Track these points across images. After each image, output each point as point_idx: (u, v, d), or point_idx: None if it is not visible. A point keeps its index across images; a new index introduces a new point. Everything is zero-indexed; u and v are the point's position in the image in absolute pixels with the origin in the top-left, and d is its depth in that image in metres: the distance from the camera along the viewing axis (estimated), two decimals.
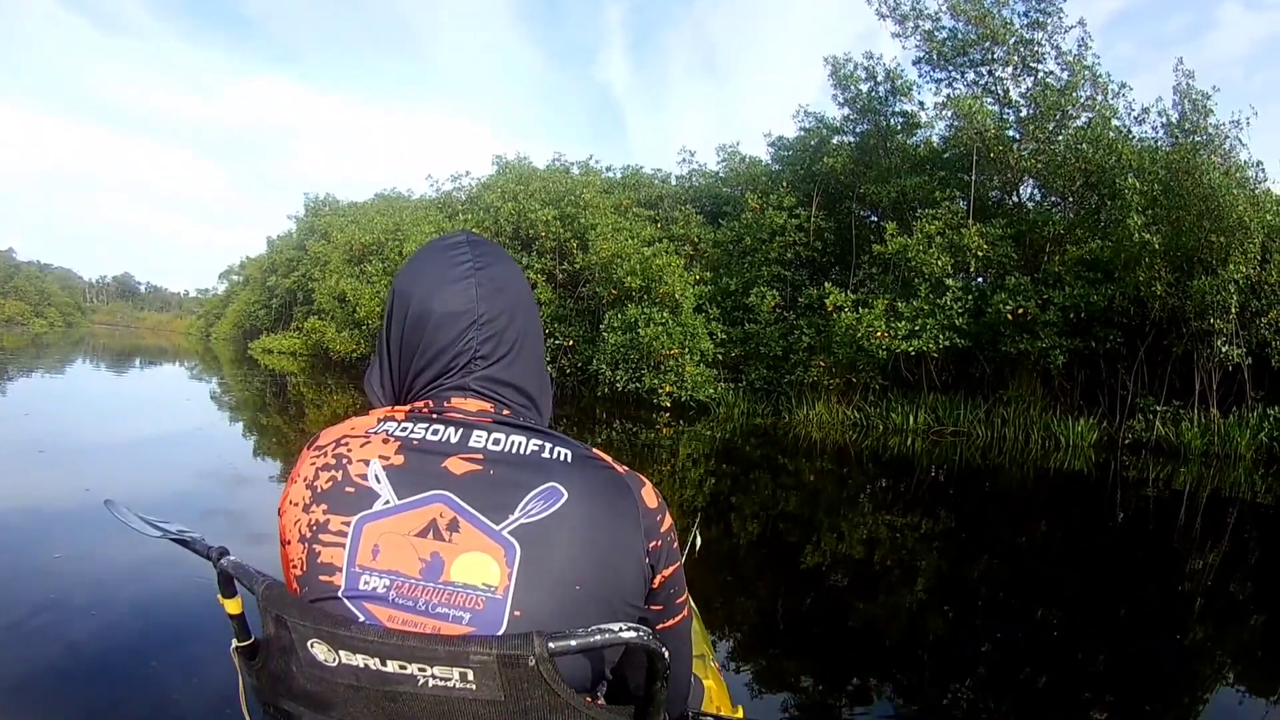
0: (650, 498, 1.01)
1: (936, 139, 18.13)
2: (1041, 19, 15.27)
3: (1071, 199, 16.24)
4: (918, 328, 14.94)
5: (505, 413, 1.04)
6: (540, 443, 0.99)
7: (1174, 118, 13.47)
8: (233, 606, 1.07)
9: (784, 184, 19.07)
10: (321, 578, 0.92)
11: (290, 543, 0.96)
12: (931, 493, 9.69)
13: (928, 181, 16.69)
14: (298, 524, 0.96)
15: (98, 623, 3.55)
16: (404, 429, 0.99)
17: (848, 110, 18.20)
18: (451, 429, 0.98)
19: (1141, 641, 4.44)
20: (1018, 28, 15.41)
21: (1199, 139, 12.76)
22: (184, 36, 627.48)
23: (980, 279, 15.88)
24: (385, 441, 0.97)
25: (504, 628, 0.88)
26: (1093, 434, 14.10)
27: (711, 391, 17.40)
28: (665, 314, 17.47)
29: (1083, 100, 15.06)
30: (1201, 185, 12.35)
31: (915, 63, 17.03)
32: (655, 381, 17.15)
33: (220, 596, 1.06)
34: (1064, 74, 15.24)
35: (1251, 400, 13.14)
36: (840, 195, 19.10)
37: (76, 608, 3.68)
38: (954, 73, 16.61)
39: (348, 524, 0.92)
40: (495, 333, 1.04)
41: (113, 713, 2.84)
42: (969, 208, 15.99)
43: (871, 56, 17.27)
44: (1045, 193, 17.04)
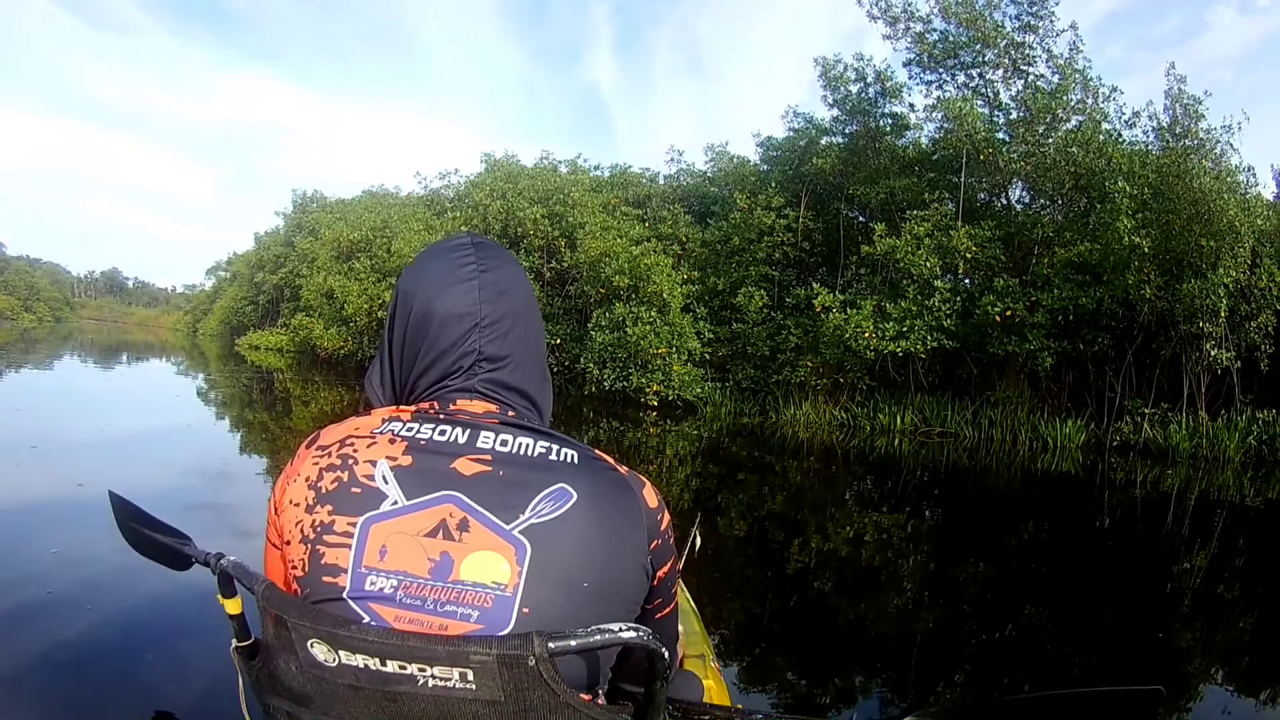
0: (651, 498, 1.01)
1: (926, 140, 18.05)
2: (1033, 22, 15.13)
3: (1060, 201, 16.17)
4: (906, 329, 14.88)
5: (510, 414, 1.03)
6: (547, 444, 0.98)
7: (1165, 122, 13.33)
8: (232, 606, 1.06)
9: (772, 184, 18.90)
10: (325, 579, 0.90)
11: (290, 543, 0.94)
12: (919, 493, 9.63)
13: (916, 183, 16.62)
14: (299, 524, 0.93)
15: (94, 621, 3.44)
16: (410, 429, 0.97)
17: (837, 111, 18.14)
18: (459, 429, 0.97)
19: (1128, 642, 4.37)
20: (1009, 30, 15.27)
21: (1190, 143, 12.62)
22: (173, 32, 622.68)
23: (968, 280, 15.78)
24: (392, 442, 0.95)
25: (512, 624, 0.86)
26: (1080, 436, 14.02)
27: (699, 391, 17.34)
28: (653, 313, 17.36)
29: (1073, 103, 14.93)
30: (1192, 189, 12.23)
31: (906, 64, 16.91)
32: (642, 380, 17.02)
33: (220, 596, 1.06)
34: (1055, 77, 15.14)
35: (1240, 403, 13.04)
36: (829, 196, 19.07)
37: (73, 604, 3.58)
38: (944, 75, 16.48)
39: (354, 525, 0.91)
40: (498, 335, 1.04)
41: (112, 712, 2.76)
42: (958, 209, 15.86)
43: (862, 58, 17.21)
44: (1034, 195, 16.96)
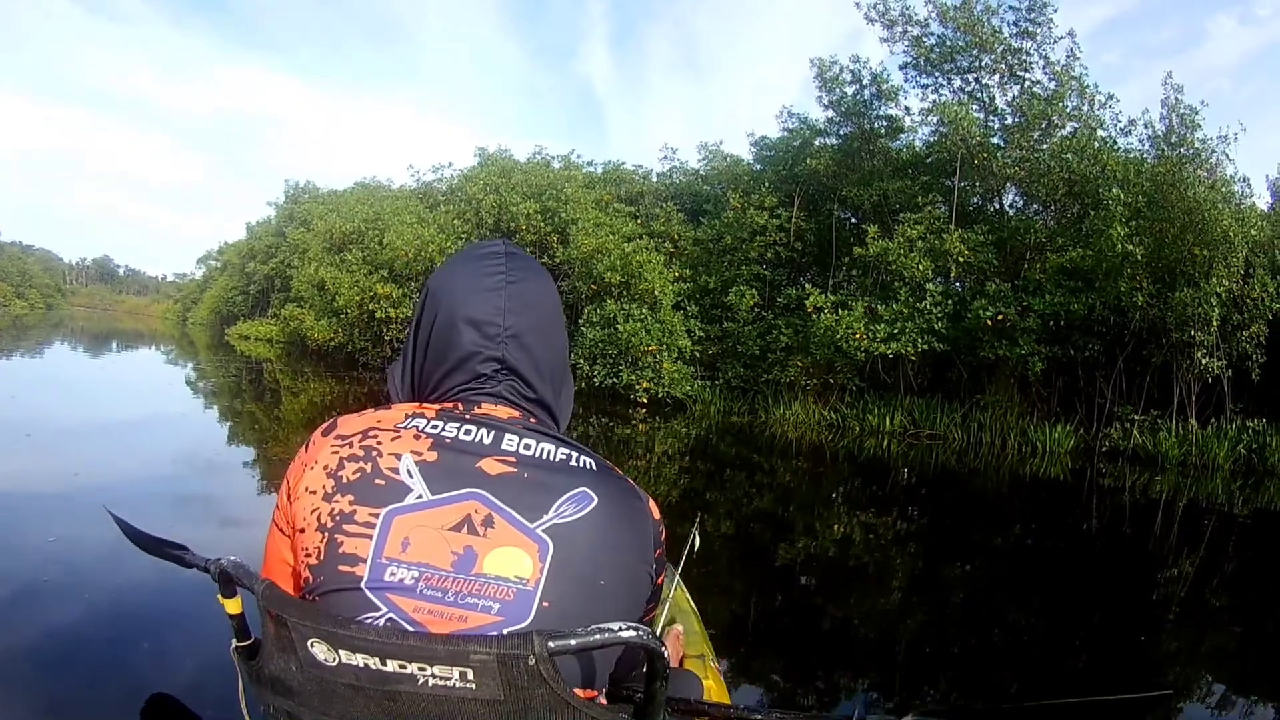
0: (654, 510, 1.05)
1: (920, 144, 17.89)
2: (1031, 28, 14.94)
3: (1054, 207, 16.03)
4: (897, 330, 14.73)
5: (532, 421, 1.04)
6: (568, 451, 0.99)
7: (1160, 131, 13.17)
8: (233, 606, 1.04)
9: (766, 184, 18.75)
10: (342, 568, 0.89)
11: (304, 530, 0.93)
12: (907, 494, 9.46)
13: (910, 185, 16.47)
14: (315, 512, 0.92)
15: (93, 612, 3.31)
16: (435, 426, 0.97)
17: (832, 112, 17.94)
18: (484, 430, 0.97)
19: (1115, 645, 4.29)
20: (1006, 36, 15.09)
21: (1185, 153, 12.47)
22: (171, 21, 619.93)
23: (960, 284, 15.60)
24: (417, 438, 0.95)
25: (531, 617, 0.87)
26: (1070, 441, 13.87)
27: (688, 389, 17.20)
28: (644, 310, 17.18)
29: (1069, 110, 14.78)
30: (1186, 199, 12.08)
31: (902, 68, 16.72)
32: (632, 377, 16.82)
33: (220, 596, 1.03)
34: (1051, 83, 14.95)
35: (1231, 412, 12.92)
36: (822, 197, 18.88)
37: (71, 595, 3.45)
38: (941, 78, 16.28)
39: (376, 515, 0.90)
40: (520, 348, 1.04)
41: (112, 712, 2.64)
42: (951, 213, 15.67)
43: (858, 60, 16.98)
44: (1027, 200, 16.81)
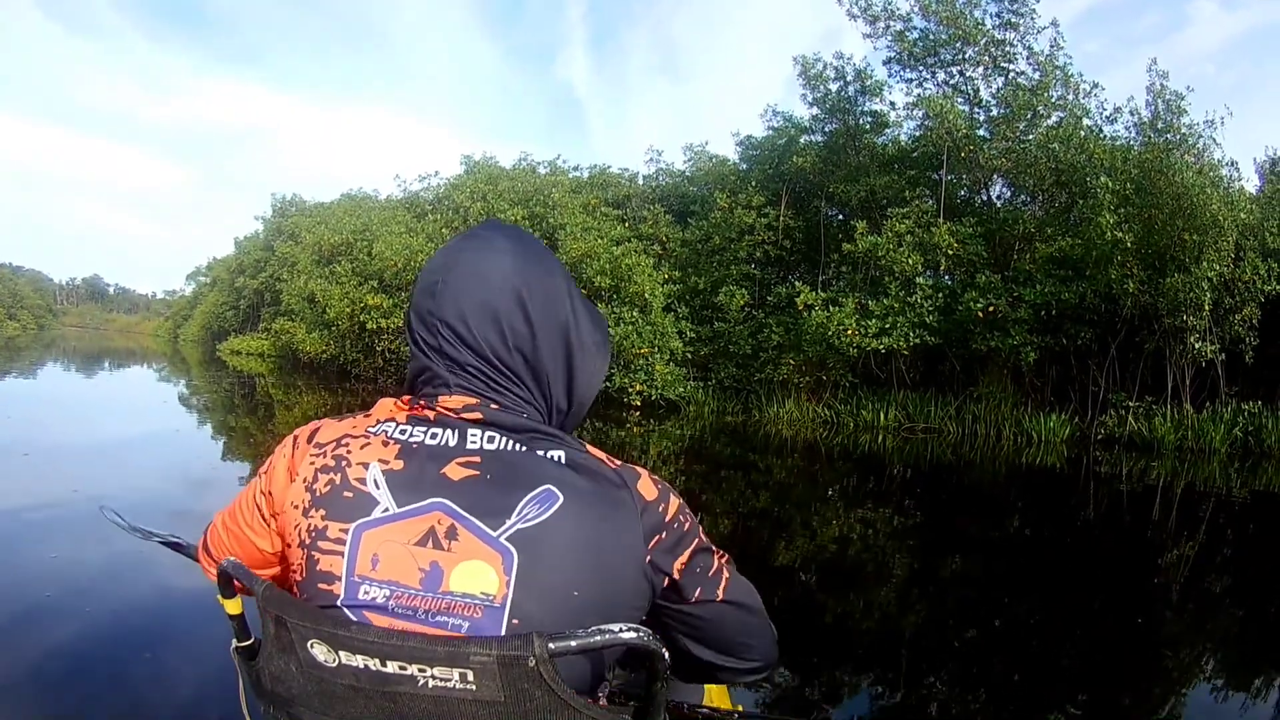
0: (648, 489, 0.93)
1: (905, 138, 17.74)
2: (1014, 20, 14.81)
3: (1041, 197, 15.88)
4: (888, 325, 14.58)
5: (494, 407, 0.93)
6: (533, 444, 0.90)
7: (1146, 117, 13.03)
8: (232, 607, 0.98)
9: (752, 183, 18.63)
10: (321, 586, 0.86)
11: (291, 546, 0.91)
12: (904, 489, 9.30)
13: (897, 180, 16.33)
14: (297, 528, 0.90)
15: (96, 623, 3.39)
16: (403, 431, 0.92)
17: (816, 110, 17.83)
18: (449, 431, 0.91)
19: (1117, 634, 4.21)
20: (989, 28, 14.96)
21: (1172, 138, 12.33)
22: (150, 36, 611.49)
23: (949, 277, 15.42)
24: (385, 444, 0.90)
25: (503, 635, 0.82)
26: (1065, 430, 13.72)
27: (681, 390, 17.01)
28: (635, 313, 16.98)
29: (1054, 100, 14.64)
30: (1174, 184, 11.94)
31: (886, 63, 16.62)
32: (625, 380, 16.59)
33: (220, 596, 0.97)
34: (1035, 74, 14.85)
35: (1225, 395, 12.76)
36: (809, 194, 18.73)
37: (73, 608, 3.52)
38: (925, 72, 16.18)
39: (345, 531, 0.86)
40: (464, 323, 0.93)
41: (112, 713, 2.70)
42: (939, 206, 15.51)
43: (841, 56, 16.87)
44: (1015, 191, 16.67)
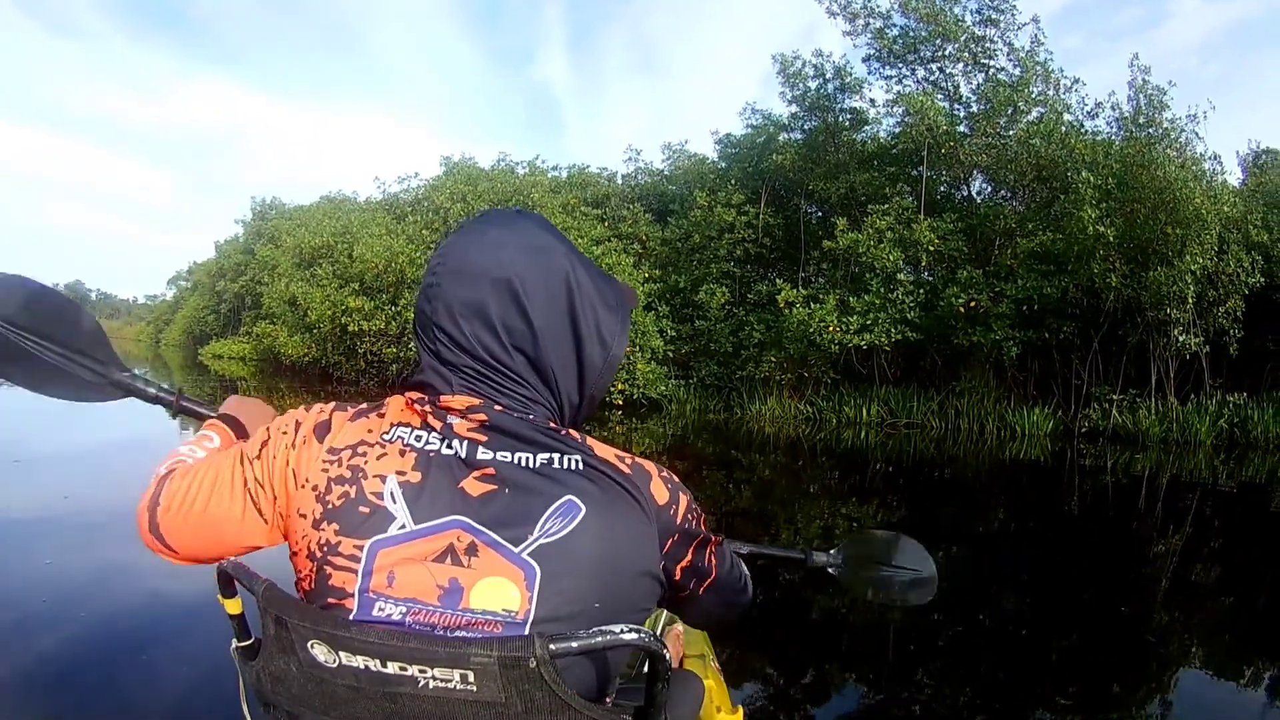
0: (660, 493, 0.92)
1: (885, 135, 17.48)
2: (994, 16, 14.60)
3: (1023, 192, 15.68)
4: (870, 322, 14.34)
5: (498, 408, 0.90)
6: (549, 454, 0.88)
7: (1128, 112, 12.86)
8: (233, 606, 0.98)
9: (732, 181, 18.34)
10: (331, 600, 0.84)
11: (298, 555, 0.89)
12: (887, 484, 9.02)
13: (877, 177, 16.11)
14: (306, 539, 0.86)
15: (91, 627, 3.35)
16: (419, 438, 0.89)
17: (795, 107, 17.56)
18: (460, 442, 0.88)
19: (1105, 625, 4.15)
20: (969, 24, 14.74)
21: (1154, 133, 12.16)
22: (132, 38, 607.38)
23: (930, 273, 15.20)
24: (402, 454, 0.87)
25: None
26: (1048, 423, 13.50)
27: (663, 389, 16.70)
28: None
29: (1034, 95, 14.41)
30: (1156, 178, 11.78)
31: (865, 60, 16.36)
32: None
33: (220, 596, 0.97)
34: (1016, 70, 14.63)
35: (1210, 388, 12.59)
36: (789, 192, 18.51)
37: (68, 613, 3.47)
38: (904, 69, 15.94)
39: (360, 548, 0.83)
40: (449, 312, 0.91)
41: (112, 713, 2.66)
42: (919, 202, 15.26)
43: (820, 54, 16.56)
44: (995, 187, 16.47)
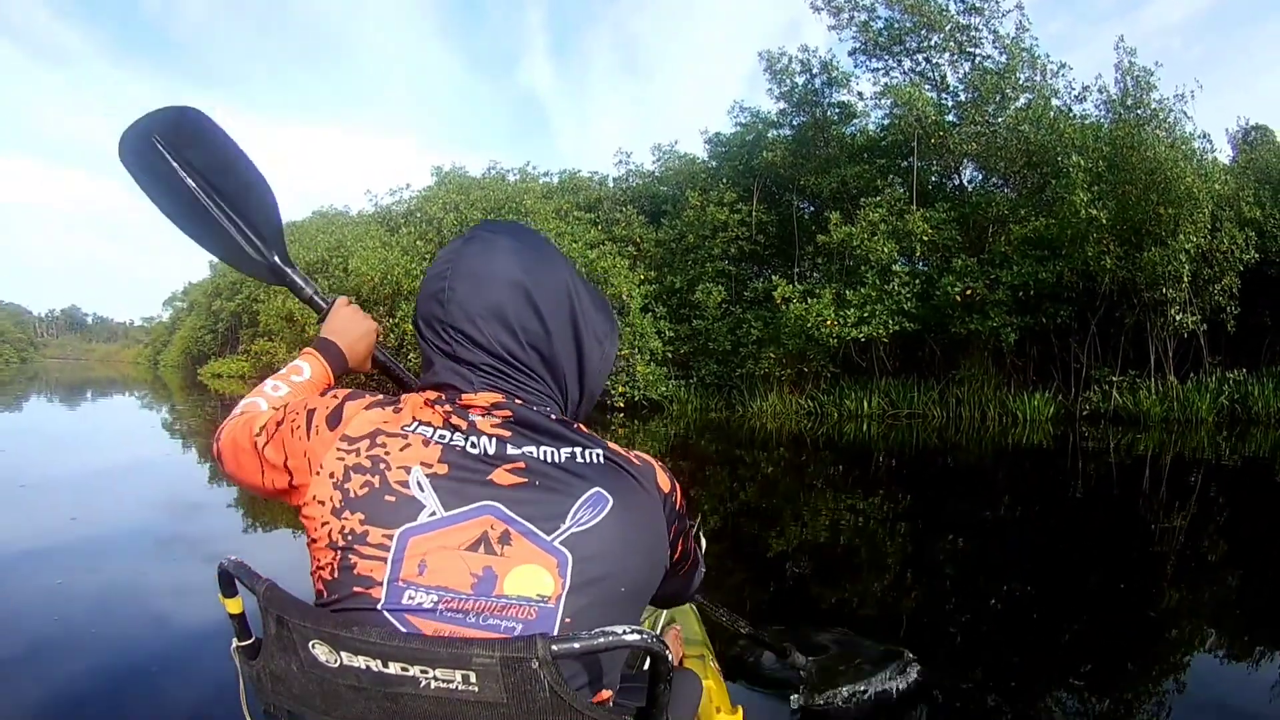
0: (664, 482, 0.96)
1: (874, 127, 17.36)
2: (978, 4, 14.48)
3: (1014, 179, 15.55)
4: (866, 314, 14.19)
5: (518, 401, 0.92)
6: (572, 449, 0.90)
7: (1115, 95, 12.75)
8: (233, 606, 0.96)
9: (723, 180, 18.20)
10: (356, 589, 0.82)
11: (316, 542, 0.87)
12: (891, 475, 8.90)
13: (867, 170, 15.96)
14: (327, 527, 0.85)
15: (103, 643, 3.36)
16: (442, 436, 0.88)
17: (783, 104, 17.44)
18: (486, 440, 0.88)
19: (1114, 607, 4.04)
20: (954, 14, 14.62)
21: (1143, 114, 12.05)
22: (113, 63, 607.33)
23: (925, 263, 15.06)
24: (426, 445, 0.87)
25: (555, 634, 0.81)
26: (1049, 408, 13.40)
27: (663, 389, 16.54)
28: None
29: (1022, 82, 14.30)
30: (1146, 160, 11.68)
31: (851, 53, 16.20)
32: (607, 382, 16.03)
33: (221, 596, 0.95)
34: (1002, 57, 14.50)
35: (1209, 365, 12.50)
36: (780, 188, 18.37)
37: (80, 630, 3.50)
38: (891, 61, 15.80)
39: (390, 537, 0.82)
40: (462, 311, 0.92)
41: (114, 713, 2.69)
42: (911, 193, 15.14)
43: (806, 49, 16.46)
44: (986, 174, 16.32)
